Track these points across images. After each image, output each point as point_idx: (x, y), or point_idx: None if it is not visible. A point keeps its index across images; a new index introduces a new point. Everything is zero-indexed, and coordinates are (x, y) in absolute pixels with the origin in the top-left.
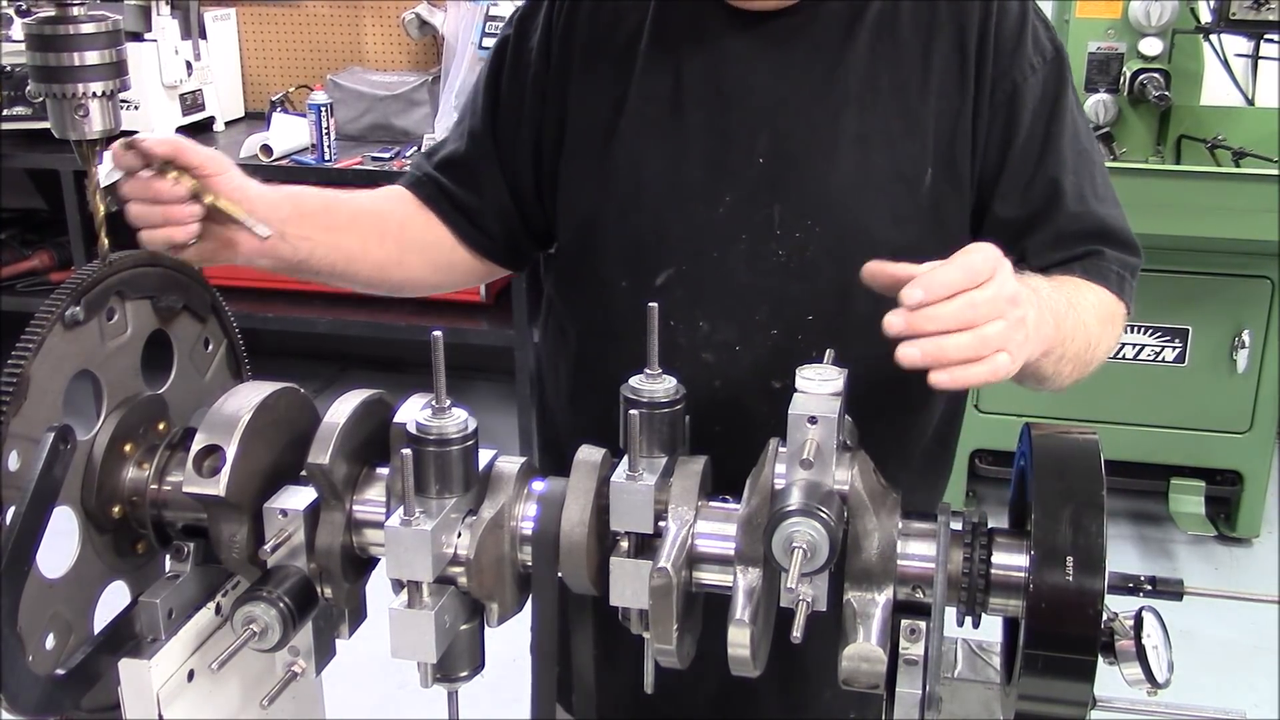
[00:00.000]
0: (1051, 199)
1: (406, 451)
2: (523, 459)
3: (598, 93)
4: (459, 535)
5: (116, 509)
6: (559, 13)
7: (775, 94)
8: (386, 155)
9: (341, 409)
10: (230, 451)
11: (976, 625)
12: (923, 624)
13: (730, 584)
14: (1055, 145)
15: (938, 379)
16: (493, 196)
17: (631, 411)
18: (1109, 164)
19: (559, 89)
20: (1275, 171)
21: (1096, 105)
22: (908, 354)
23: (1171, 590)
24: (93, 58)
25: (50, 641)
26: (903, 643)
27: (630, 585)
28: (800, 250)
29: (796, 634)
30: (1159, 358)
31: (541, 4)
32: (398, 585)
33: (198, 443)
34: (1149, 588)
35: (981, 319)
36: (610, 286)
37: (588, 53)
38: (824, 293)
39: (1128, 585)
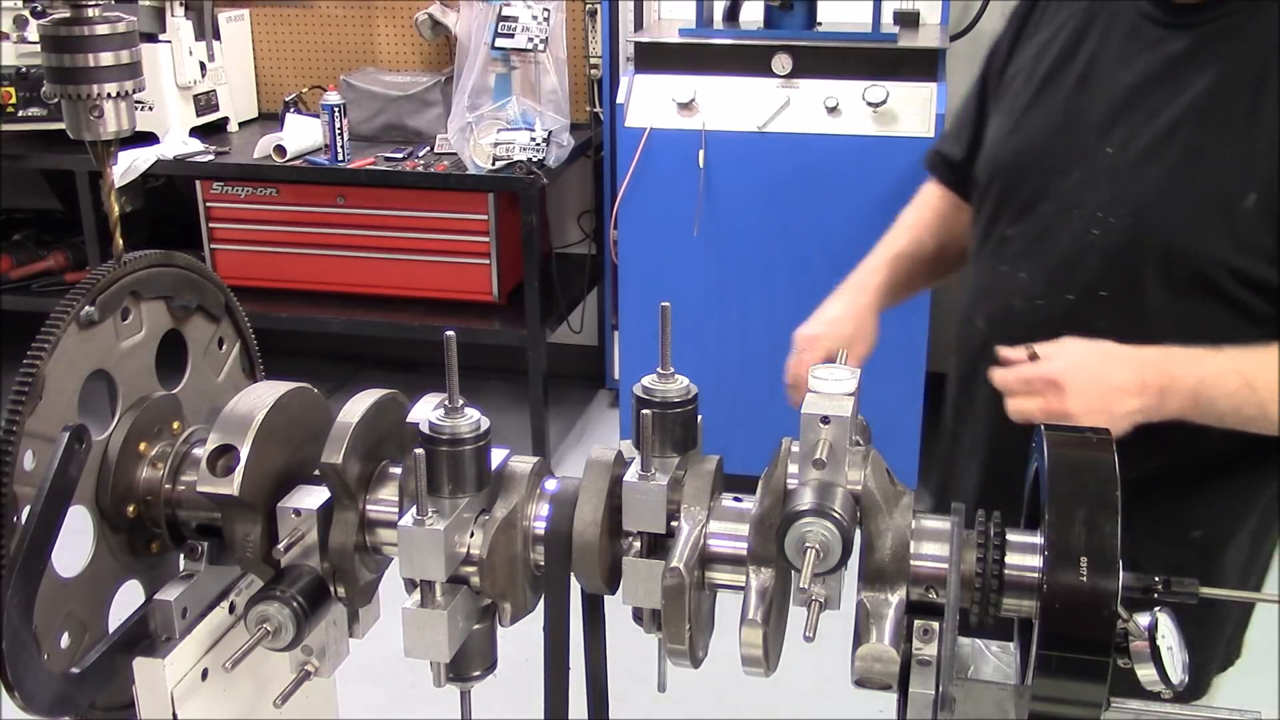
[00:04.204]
0: None
1: (419, 451)
2: (535, 458)
3: (1025, 62)
4: (471, 535)
5: (131, 508)
6: None
7: (1141, 92)
8: (399, 155)
9: (355, 409)
10: (244, 451)
11: (989, 626)
12: (936, 624)
13: (743, 584)
14: None
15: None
16: (967, 147)
17: (644, 411)
18: None
19: (1009, 49)
20: None
21: None
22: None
23: (1186, 591)
24: (107, 59)
25: (65, 640)
26: (916, 643)
27: (643, 585)
28: (1110, 237)
29: (809, 634)
30: None
31: None
32: (410, 585)
33: (212, 442)
34: (1163, 589)
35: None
36: (977, 225)
37: (1037, 23)
38: (1114, 279)
39: (1142, 586)
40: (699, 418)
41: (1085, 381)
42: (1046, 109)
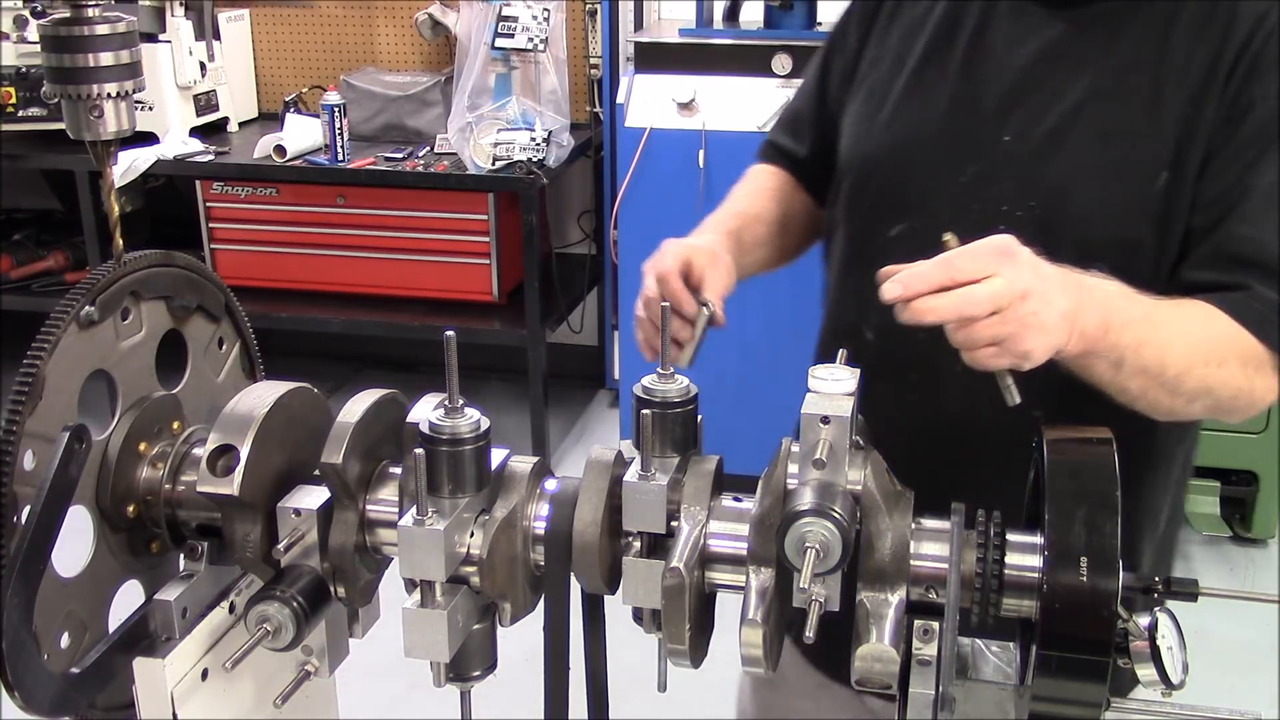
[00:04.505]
0: (1224, 215)
1: (419, 451)
2: (535, 458)
3: (888, 52)
4: (471, 535)
5: (131, 508)
6: None
7: (1034, 78)
8: (399, 155)
9: (354, 408)
10: (244, 451)
11: (990, 626)
12: (936, 624)
13: (743, 584)
14: (1255, 169)
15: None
16: (815, 143)
17: (644, 411)
18: None
19: (861, 43)
20: None
21: None
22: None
23: (1186, 591)
24: (107, 59)
25: (65, 640)
26: (916, 643)
27: (643, 585)
28: (1021, 228)
29: (809, 634)
30: None
31: None
32: (410, 585)
33: (211, 442)
34: (1163, 588)
35: (977, 313)
36: (852, 229)
37: (890, 15)
38: None
39: (1142, 586)
40: (699, 418)
41: (1039, 304)
42: (926, 97)
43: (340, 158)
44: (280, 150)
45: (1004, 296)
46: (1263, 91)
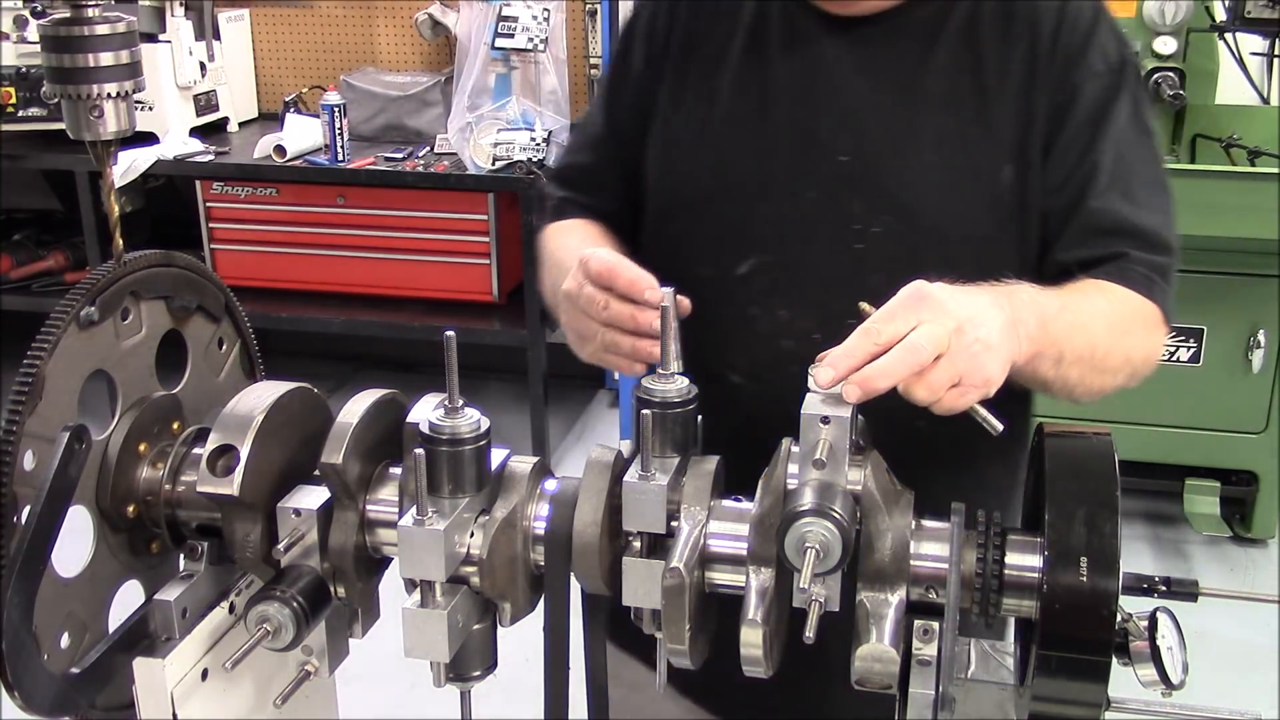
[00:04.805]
0: (1080, 194)
1: (419, 451)
2: (535, 458)
3: (689, 88)
4: (471, 535)
5: (131, 508)
6: (659, 12)
7: (860, 95)
8: (399, 156)
9: (354, 409)
10: (244, 451)
11: (990, 626)
12: (936, 624)
13: (743, 584)
14: (1095, 146)
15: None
16: (621, 195)
17: (644, 411)
18: None
19: (654, 83)
20: None
21: None
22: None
23: (1186, 591)
24: (107, 59)
25: (65, 640)
26: (915, 643)
27: (643, 585)
28: (878, 244)
29: (809, 634)
30: (1174, 358)
31: (646, 4)
32: (410, 585)
33: (212, 442)
34: (1164, 588)
35: (923, 360)
36: (694, 275)
37: (684, 49)
38: (899, 285)
39: (1142, 586)
40: (699, 418)
41: (977, 329)
42: (749, 128)
43: (340, 158)
44: (280, 150)
45: (940, 337)
46: (1082, 75)
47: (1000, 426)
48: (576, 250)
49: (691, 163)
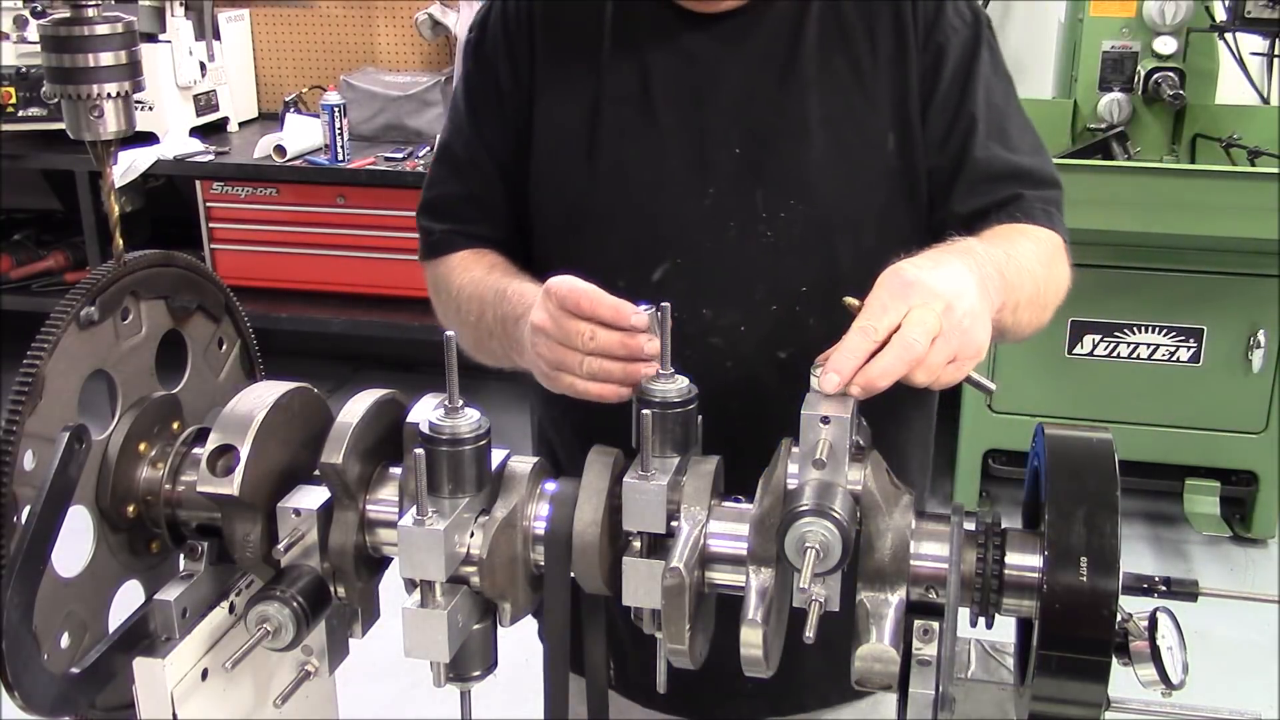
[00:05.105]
0: (964, 147)
1: (419, 451)
2: (535, 459)
3: (566, 98)
4: (471, 535)
5: (131, 508)
6: (512, 26)
7: (742, 87)
8: (399, 156)
9: (355, 409)
10: (244, 451)
11: (990, 626)
12: (936, 624)
13: (743, 584)
14: (968, 99)
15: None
16: (507, 218)
17: (644, 411)
18: (1122, 163)
19: (524, 99)
20: None
21: (1110, 104)
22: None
23: (1186, 591)
24: (107, 59)
25: (65, 640)
26: (916, 643)
27: (643, 585)
28: (786, 228)
29: (809, 634)
30: (1173, 357)
31: (493, 8)
32: (410, 585)
33: (212, 442)
34: (1164, 588)
35: (921, 352)
36: (608, 288)
37: (549, 61)
38: (813, 264)
39: (1142, 586)
40: (699, 418)
41: (963, 302)
42: (640, 133)
43: (340, 158)
44: (280, 150)
45: (932, 322)
46: (945, 34)
47: (994, 387)
48: (487, 283)
49: (585, 176)
